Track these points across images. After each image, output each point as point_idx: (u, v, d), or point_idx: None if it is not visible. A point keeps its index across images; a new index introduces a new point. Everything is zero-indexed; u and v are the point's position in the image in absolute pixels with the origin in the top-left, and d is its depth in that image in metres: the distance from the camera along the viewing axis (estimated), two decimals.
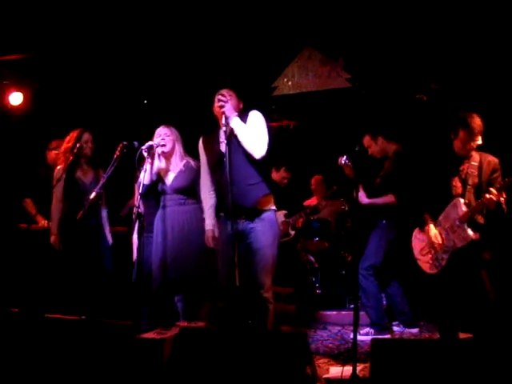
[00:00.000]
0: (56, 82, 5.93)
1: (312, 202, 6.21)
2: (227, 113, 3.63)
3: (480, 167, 3.84)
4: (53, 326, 3.18)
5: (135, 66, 5.90)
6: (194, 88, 6.09)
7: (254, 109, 3.78)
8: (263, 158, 3.63)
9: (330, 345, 4.49)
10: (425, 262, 4.05)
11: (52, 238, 4.55)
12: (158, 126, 4.53)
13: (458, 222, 3.82)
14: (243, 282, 3.54)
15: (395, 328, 4.82)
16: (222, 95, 3.69)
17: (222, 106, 3.65)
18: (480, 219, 3.78)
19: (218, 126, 3.80)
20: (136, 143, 4.38)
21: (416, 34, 5.18)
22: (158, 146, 4.13)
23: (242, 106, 3.84)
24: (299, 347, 2.76)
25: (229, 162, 3.53)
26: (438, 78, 5.25)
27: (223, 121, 3.65)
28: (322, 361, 3.96)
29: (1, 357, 3.11)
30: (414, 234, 4.17)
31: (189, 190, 4.19)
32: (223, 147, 3.63)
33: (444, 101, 5.02)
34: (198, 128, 4.66)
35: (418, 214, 4.11)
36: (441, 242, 3.90)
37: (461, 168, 3.91)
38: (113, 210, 5.30)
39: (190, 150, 4.85)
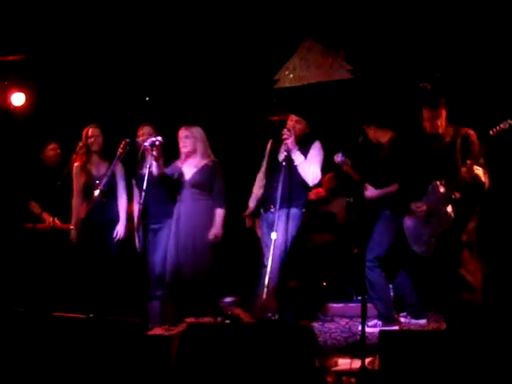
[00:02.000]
0: (58, 82, 5.93)
1: (318, 191, 6.13)
2: (290, 146, 4.25)
3: (453, 142, 3.78)
4: (60, 325, 3.21)
5: (136, 62, 5.89)
6: (196, 82, 6.07)
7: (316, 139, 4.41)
8: (314, 185, 4.41)
9: (338, 337, 4.47)
10: (419, 246, 4.03)
11: (72, 233, 4.74)
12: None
13: (439, 204, 3.79)
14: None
15: (403, 319, 4.80)
16: (288, 130, 4.28)
17: (286, 139, 4.24)
18: (457, 195, 3.74)
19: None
20: (139, 140, 4.39)
21: (418, 22, 5.14)
22: (160, 143, 4.16)
23: (308, 130, 4.45)
24: (307, 340, 2.76)
25: (284, 172, 4.19)
26: (441, 66, 5.21)
27: (285, 148, 4.25)
28: (330, 353, 3.95)
29: (10, 356, 3.13)
30: (404, 222, 4.15)
31: (204, 186, 4.44)
32: (281, 157, 4.32)
33: (448, 89, 4.98)
34: (201, 123, 4.67)
35: (403, 200, 4.11)
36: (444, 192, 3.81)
37: (435, 146, 3.86)
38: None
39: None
